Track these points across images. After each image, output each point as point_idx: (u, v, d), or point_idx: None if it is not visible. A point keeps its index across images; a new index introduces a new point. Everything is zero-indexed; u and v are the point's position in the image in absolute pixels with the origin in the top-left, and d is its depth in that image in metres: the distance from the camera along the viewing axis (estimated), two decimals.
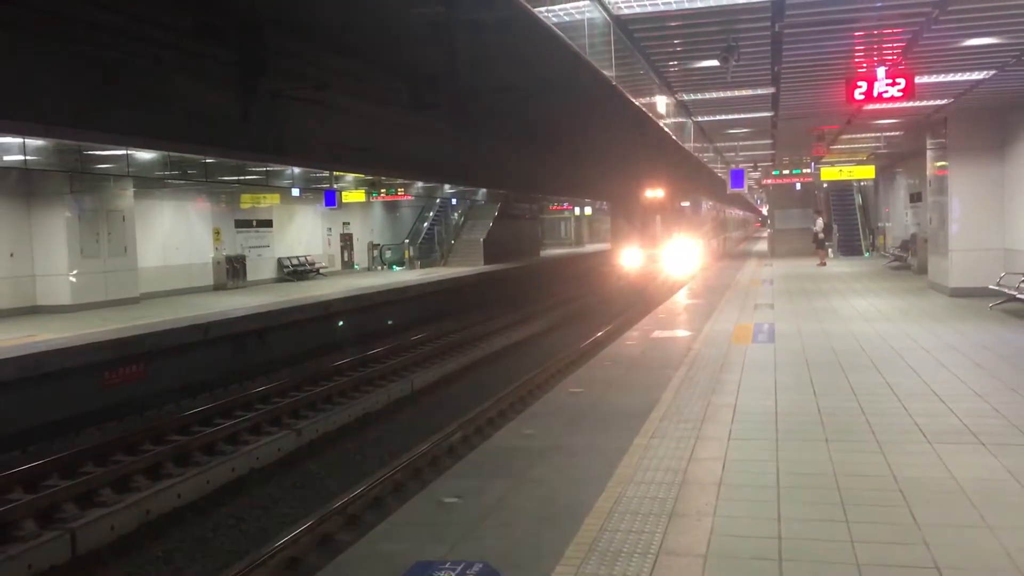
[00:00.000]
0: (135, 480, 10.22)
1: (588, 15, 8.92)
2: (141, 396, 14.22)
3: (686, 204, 31.18)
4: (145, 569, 8.33)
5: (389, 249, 36.73)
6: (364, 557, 4.69)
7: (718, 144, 24.25)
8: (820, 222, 30.88)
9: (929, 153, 19.28)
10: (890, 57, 11.46)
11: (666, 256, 28.46)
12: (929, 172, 19.38)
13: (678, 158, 24.13)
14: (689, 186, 31.43)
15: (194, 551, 8.71)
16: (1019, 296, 13.86)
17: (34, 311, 18.66)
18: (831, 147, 23.62)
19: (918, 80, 11.85)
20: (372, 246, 36.21)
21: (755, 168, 31.04)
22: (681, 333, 13.22)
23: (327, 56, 14.78)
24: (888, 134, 21.23)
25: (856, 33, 10.29)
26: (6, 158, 15.13)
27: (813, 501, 5.25)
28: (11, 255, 18.49)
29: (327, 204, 29.22)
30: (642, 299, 25.71)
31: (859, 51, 11.28)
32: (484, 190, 35.76)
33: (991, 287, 15.10)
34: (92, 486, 9.75)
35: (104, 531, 8.79)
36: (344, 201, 30.35)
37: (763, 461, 6.11)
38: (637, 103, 13.63)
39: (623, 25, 9.63)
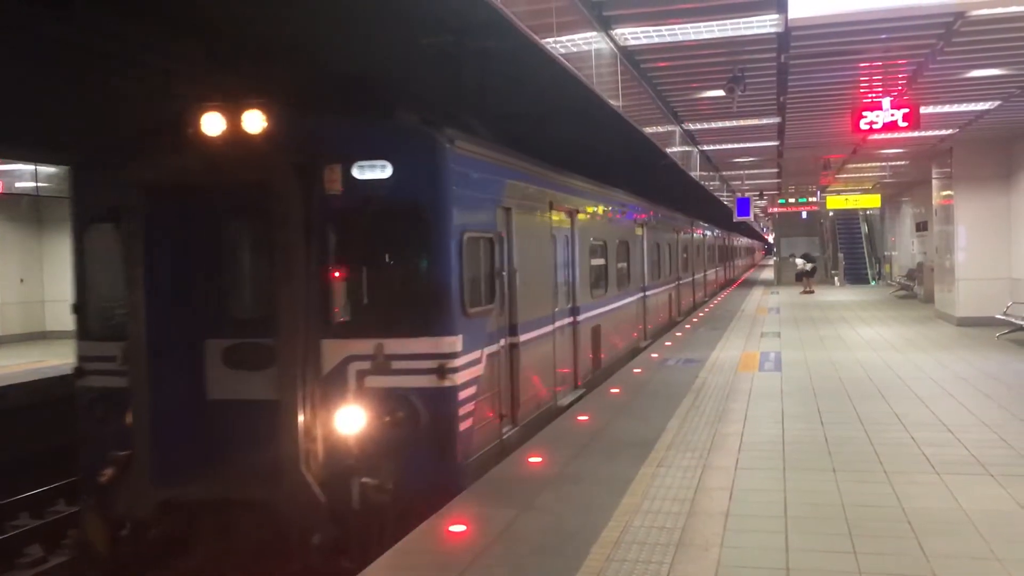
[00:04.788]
0: None
1: (596, 46, 9.01)
2: None
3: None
4: None
5: None
6: None
7: (724, 173, 24.34)
8: (800, 262, 31.03)
9: (935, 182, 19.34)
10: (895, 88, 11.54)
11: None
12: (935, 201, 19.42)
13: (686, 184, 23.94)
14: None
15: None
16: None
17: (43, 336, 18.73)
18: (837, 176, 23.69)
19: (923, 110, 11.93)
20: None
21: (761, 196, 31.12)
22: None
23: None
24: (894, 163, 21.30)
25: (861, 64, 10.39)
26: (18, 185, 15.28)
27: (821, 532, 5.23)
28: (21, 281, 18.61)
29: None
30: None
31: (864, 82, 11.38)
32: None
33: (998, 316, 15.07)
34: None
35: None
36: None
37: (770, 491, 6.09)
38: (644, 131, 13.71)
39: (630, 56, 9.74)
